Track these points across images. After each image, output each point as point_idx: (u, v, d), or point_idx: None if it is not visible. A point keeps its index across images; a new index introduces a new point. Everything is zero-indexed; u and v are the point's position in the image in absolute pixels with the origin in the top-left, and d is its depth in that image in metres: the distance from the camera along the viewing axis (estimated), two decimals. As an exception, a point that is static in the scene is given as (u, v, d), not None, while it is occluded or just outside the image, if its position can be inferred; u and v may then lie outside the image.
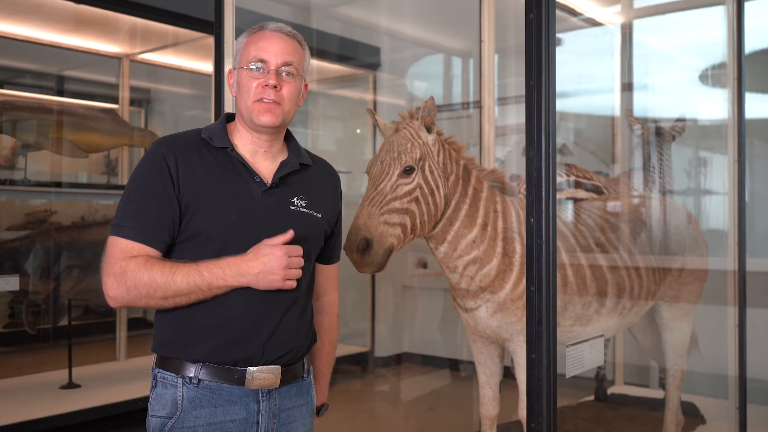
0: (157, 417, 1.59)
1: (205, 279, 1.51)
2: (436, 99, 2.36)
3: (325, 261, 1.86)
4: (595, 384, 4.16)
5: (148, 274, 1.50)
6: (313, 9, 5.39)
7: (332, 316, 1.92)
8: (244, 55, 1.67)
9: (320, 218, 1.73)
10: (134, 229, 1.54)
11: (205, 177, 1.59)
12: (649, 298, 2.99)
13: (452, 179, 2.42)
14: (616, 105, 4.49)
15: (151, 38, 5.26)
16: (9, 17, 4.57)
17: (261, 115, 1.63)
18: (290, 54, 1.66)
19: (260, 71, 1.64)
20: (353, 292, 5.68)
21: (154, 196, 1.56)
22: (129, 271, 1.50)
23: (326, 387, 1.92)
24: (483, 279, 2.46)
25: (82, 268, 4.62)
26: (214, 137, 1.66)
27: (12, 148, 4.91)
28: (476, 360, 2.74)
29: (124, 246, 1.54)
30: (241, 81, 1.66)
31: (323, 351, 1.89)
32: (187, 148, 1.62)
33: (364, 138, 6.08)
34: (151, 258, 1.53)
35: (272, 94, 1.63)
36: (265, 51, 1.64)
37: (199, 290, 1.52)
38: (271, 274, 1.52)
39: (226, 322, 1.58)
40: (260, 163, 1.68)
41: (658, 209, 3.32)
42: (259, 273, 1.52)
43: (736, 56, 3.31)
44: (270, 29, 1.68)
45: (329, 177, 1.84)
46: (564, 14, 4.01)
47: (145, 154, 1.63)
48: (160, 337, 1.63)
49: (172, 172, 1.57)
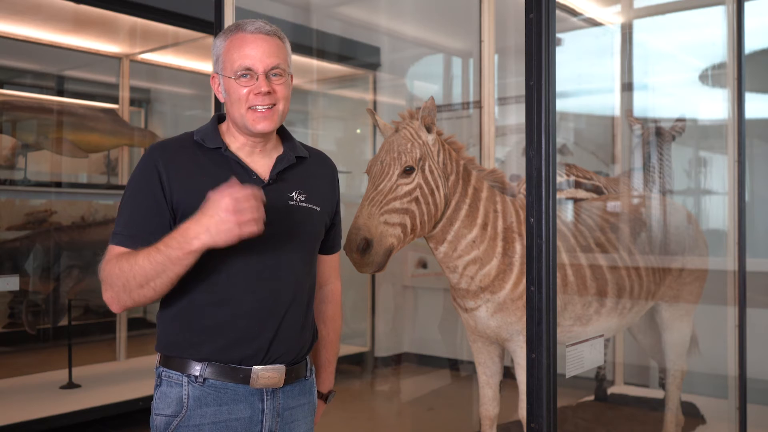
0: (162, 415, 1.59)
1: (162, 252, 1.44)
2: (436, 99, 2.36)
3: (327, 251, 1.85)
4: (595, 384, 4.16)
5: (119, 266, 1.48)
6: (313, 9, 5.39)
7: (335, 304, 1.92)
8: (227, 63, 1.63)
9: (320, 211, 1.72)
10: (124, 235, 1.55)
11: (199, 179, 1.58)
12: (649, 298, 2.99)
13: (452, 179, 2.42)
14: (616, 105, 4.49)
15: (151, 38, 5.26)
16: (9, 17, 4.57)
17: (257, 123, 1.61)
18: (275, 55, 1.62)
19: (248, 78, 1.61)
20: (353, 292, 5.67)
21: (144, 202, 1.56)
22: (107, 271, 1.51)
23: (332, 375, 1.93)
24: (483, 279, 2.46)
25: (82, 268, 4.62)
26: (207, 139, 1.65)
27: (12, 148, 4.91)
28: (476, 360, 2.74)
29: (116, 252, 1.54)
30: (230, 90, 1.63)
31: (328, 339, 1.89)
32: (179, 152, 1.62)
33: (364, 138, 6.08)
34: (125, 253, 1.51)
35: (266, 100, 1.60)
36: (251, 58, 1.60)
37: (165, 266, 1.44)
38: (222, 223, 1.41)
39: (231, 321, 1.58)
40: (256, 161, 1.67)
41: (658, 209, 3.32)
42: (210, 227, 1.41)
43: (736, 56, 3.31)
44: (249, 31, 1.63)
45: (326, 168, 1.82)
46: (564, 14, 4.00)
47: (140, 160, 1.63)
48: (164, 336, 1.63)
49: (162, 177, 1.56)
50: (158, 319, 1.65)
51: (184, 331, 1.60)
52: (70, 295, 4.60)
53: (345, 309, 6.27)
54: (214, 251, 1.48)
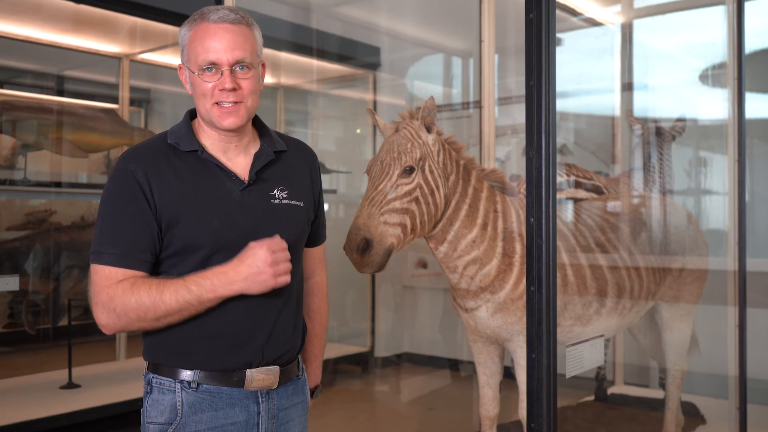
0: (155, 424, 1.56)
1: (193, 293, 1.45)
2: (436, 99, 2.36)
3: (312, 244, 1.81)
4: (595, 384, 4.16)
5: (135, 297, 1.45)
6: (313, 9, 5.39)
7: (321, 296, 1.87)
8: (191, 54, 1.56)
9: (303, 206, 1.68)
10: (114, 254, 1.49)
11: (179, 187, 1.53)
12: (649, 298, 2.99)
13: (452, 179, 2.42)
14: (616, 105, 4.49)
15: (151, 38, 5.26)
16: (9, 17, 4.57)
17: (223, 119, 1.55)
18: (240, 47, 1.54)
19: (213, 72, 1.54)
20: (353, 292, 5.67)
21: (130, 216, 1.50)
22: (116, 298, 1.46)
23: (319, 369, 1.89)
24: (483, 279, 2.46)
25: (82, 268, 4.62)
26: (182, 141, 1.58)
27: (12, 148, 4.90)
28: (476, 360, 2.74)
29: (108, 273, 1.49)
30: (195, 84, 1.57)
31: (314, 333, 1.85)
32: (156, 160, 1.54)
33: (364, 138, 6.08)
34: (138, 280, 1.48)
35: (231, 97, 1.54)
36: (214, 51, 1.52)
37: (190, 306, 1.47)
38: (259, 274, 1.46)
39: (223, 328, 1.55)
40: (233, 160, 1.61)
41: (658, 209, 3.32)
42: (248, 277, 1.46)
43: (736, 56, 3.31)
44: (213, 21, 1.54)
45: (305, 158, 1.75)
46: (564, 14, 4.01)
47: (113, 171, 1.55)
48: (151, 343, 1.60)
49: (144, 188, 1.50)
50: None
51: (174, 340, 1.56)
52: (69, 295, 4.59)
53: (345, 309, 6.22)
54: (201, 263, 1.50)
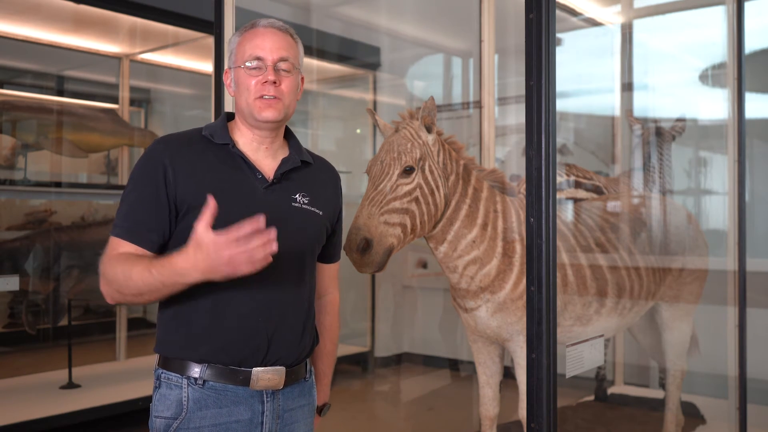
0: (161, 418, 1.59)
1: (155, 278, 1.43)
2: (436, 99, 2.36)
3: (327, 260, 1.86)
4: (595, 384, 4.16)
5: (120, 270, 1.48)
6: (313, 9, 5.39)
7: (333, 315, 1.92)
8: (239, 54, 1.68)
9: (322, 215, 1.72)
10: (124, 228, 1.55)
11: (204, 174, 1.59)
12: (649, 298, 2.99)
13: (452, 179, 2.42)
14: (616, 105, 4.49)
15: (151, 38, 5.26)
16: (9, 17, 4.57)
17: (263, 110, 1.63)
18: (285, 49, 1.66)
19: (257, 68, 1.64)
20: (353, 292, 5.67)
21: (146, 198, 1.56)
22: (108, 267, 1.51)
23: (328, 387, 1.92)
24: (483, 279, 2.46)
25: (82, 268, 4.62)
26: (215, 134, 1.66)
27: (12, 148, 4.90)
28: (476, 360, 2.74)
29: (114, 244, 1.55)
30: (239, 79, 1.67)
31: (325, 351, 1.89)
32: (185, 146, 1.62)
33: (364, 138, 6.08)
34: (130, 255, 1.51)
35: (272, 90, 1.63)
36: (261, 48, 1.64)
37: (156, 289, 1.45)
38: (225, 266, 1.37)
39: (230, 322, 1.58)
40: (262, 160, 1.68)
41: (658, 209, 3.32)
42: (206, 270, 1.38)
43: (736, 56, 3.31)
44: (262, 26, 1.68)
45: (330, 175, 1.84)
46: (564, 14, 4.01)
47: (143, 153, 1.63)
48: (163, 337, 1.63)
49: (168, 171, 1.56)
50: (158, 319, 1.65)
51: (183, 333, 1.59)
52: (70, 295, 4.59)
53: (345, 309, 6.22)
54: None
